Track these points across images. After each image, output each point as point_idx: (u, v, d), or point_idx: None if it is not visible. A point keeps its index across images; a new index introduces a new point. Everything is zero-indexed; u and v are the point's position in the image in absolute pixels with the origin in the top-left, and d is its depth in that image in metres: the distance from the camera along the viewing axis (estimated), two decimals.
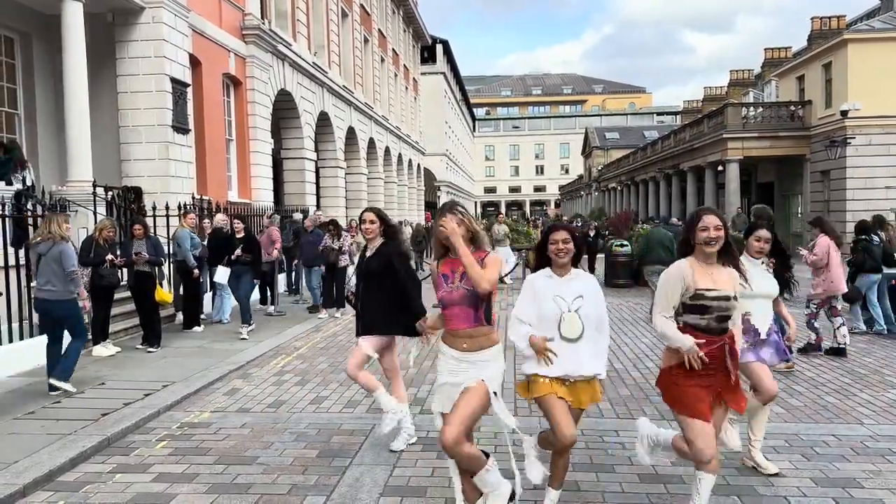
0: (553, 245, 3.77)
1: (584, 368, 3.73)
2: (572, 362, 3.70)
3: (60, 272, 6.76)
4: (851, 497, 4.35)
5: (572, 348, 3.70)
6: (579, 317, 3.70)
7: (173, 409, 6.45)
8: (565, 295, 3.73)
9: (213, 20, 15.00)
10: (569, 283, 3.78)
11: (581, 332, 3.70)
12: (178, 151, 13.01)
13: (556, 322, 3.71)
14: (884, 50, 24.11)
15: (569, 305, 3.71)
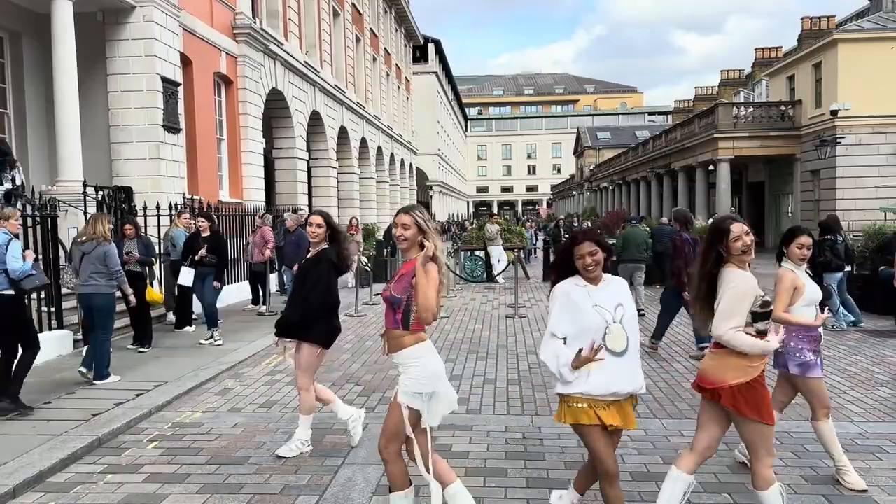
0: (580, 260, 3.44)
1: (636, 382, 3.44)
2: (619, 378, 3.38)
3: (104, 269, 7.22)
4: (841, 494, 4.38)
5: (617, 363, 3.37)
6: (624, 328, 3.39)
7: (165, 410, 6.43)
8: (605, 303, 3.41)
9: (204, 19, 14.95)
10: (604, 290, 3.47)
11: (627, 344, 3.39)
12: (168, 151, 12.97)
13: (602, 335, 3.36)
14: (873, 50, 24.28)
15: (612, 315, 3.39)
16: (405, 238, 3.66)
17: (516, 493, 4.46)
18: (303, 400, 5.24)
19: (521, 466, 4.91)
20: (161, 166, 12.69)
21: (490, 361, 8.46)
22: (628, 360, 3.40)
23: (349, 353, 8.91)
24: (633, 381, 3.43)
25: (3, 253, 6.15)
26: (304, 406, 5.23)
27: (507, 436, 5.60)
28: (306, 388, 5.19)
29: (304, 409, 5.24)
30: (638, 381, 3.46)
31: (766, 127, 28.00)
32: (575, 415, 3.41)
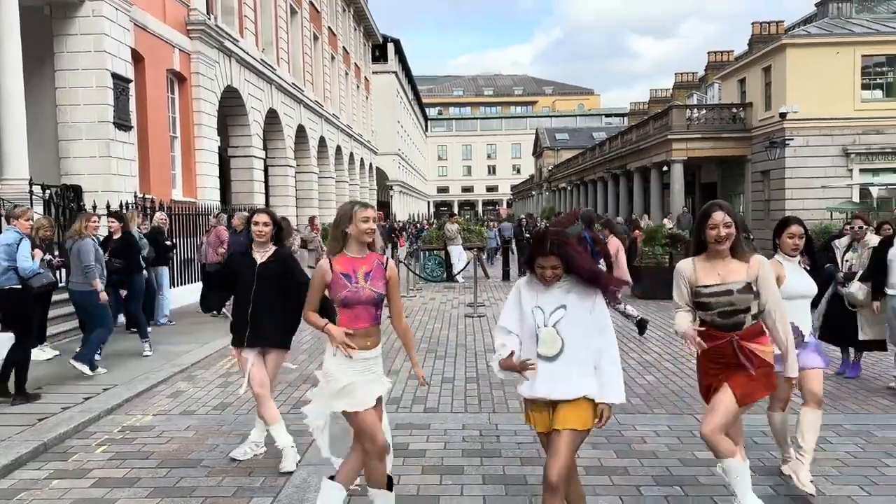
0: (540, 270, 3.26)
1: (569, 391, 3.20)
2: (553, 383, 3.21)
3: (79, 265, 7.33)
4: (787, 485, 4.49)
5: (548, 368, 3.22)
6: (558, 332, 3.20)
7: (114, 413, 6.28)
8: (545, 305, 3.25)
9: (156, 15, 14.64)
10: (554, 290, 3.26)
11: (560, 348, 3.20)
12: (119, 149, 12.67)
13: (534, 337, 3.26)
14: (819, 55, 25.03)
15: (546, 318, 3.23)
16: (373, 230, 3.67)
17: (473, 490, 4.47)
18: (268, 408, 4.94)
19: (478, 464, 4.93)
20: (111, 164, 12.39)
21: (448, 360, 8.47)
22: (563, 366, 3.20)
23: (306, 353, 8.83)
24: (566, 387, 3.19)
25: (13, 251, 6.48)
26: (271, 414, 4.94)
27: (464, 433, 5.61)
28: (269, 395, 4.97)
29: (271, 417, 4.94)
30: (577, 388, 3.19)
31: (719, 129, 28.64)
32: (525, 415, 3.44)
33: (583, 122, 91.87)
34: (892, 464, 4.84)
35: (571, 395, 3.19)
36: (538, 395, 3.25)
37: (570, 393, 3.19)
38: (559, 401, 3.21)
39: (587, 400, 3.21)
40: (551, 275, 3.22)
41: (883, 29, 26.50)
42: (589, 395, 3.21)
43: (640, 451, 5.18)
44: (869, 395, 6.64)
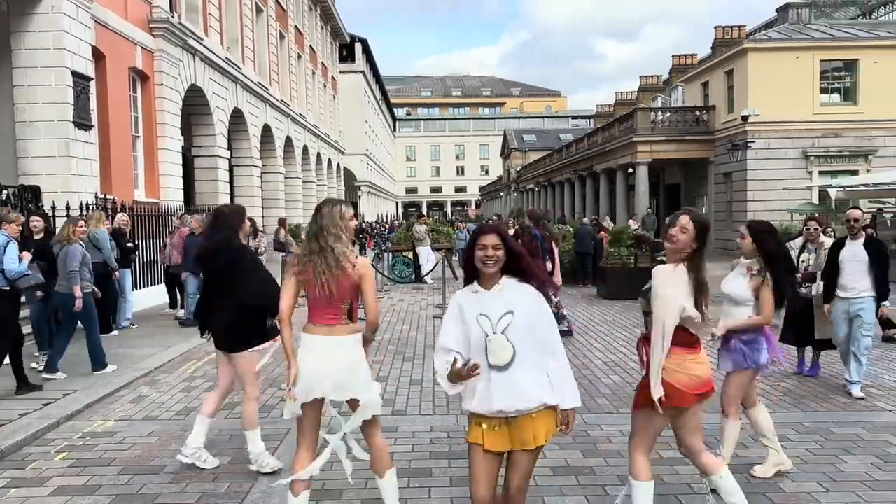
0: (481, 251, 3.07)
1: (525, 399, 3.02)
2: (508, 394, 3.01)
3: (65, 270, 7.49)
4: (749, 482, 4.58)
5: (500, 378, 3.02)
6: (508, 338, 3.02)
7: (74, 419, 6.14)
8: (490, 312, 3.05)
9: (118, 12, 14.37)
10: (497, 296, 3.09)
11: (511, 357, 3.01)
12: (79, 148, 12.41)
13: (483, 347, 3.05)
14: (780, 59, 25.57)
15: (494, 326, 3.03)
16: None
17: (440, 493, 4.47)
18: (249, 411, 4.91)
19: (446, 465, 4.93)
20: (71, 164, 12.12)
21: (417, 362, 8.46)
22: (516, 374, 3.02)
23: (271, 356, 8.71)
24: (524, 398, 3.02)
25: (1, 254, 6.64)
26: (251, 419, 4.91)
27: (432, 436, 5.61)
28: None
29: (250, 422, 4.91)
30: (534, 397, 3.03)
31: (682, 131, 29.06)
32: (469, 431, 3.19)
33: (550, 124, 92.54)
34: (850, 460, 4.96)
35: (531, 404, 3.02)
36: (496, 410, 3.02)
37: (530, 403, 3.02)
38: (512, 414, 3.03)
39: (546, 409, 3.07)
40: (493, 254, 3.04)
41: (840, 35, 27.18)
42: (548, 403, 3.07)
43: (606, 450, 5.23)
44: (827, 393, 6.80)
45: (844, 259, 6.57)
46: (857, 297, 6.51)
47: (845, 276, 6.55)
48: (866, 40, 26.33)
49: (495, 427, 3.07)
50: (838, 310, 6.64)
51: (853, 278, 6.51)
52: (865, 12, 36.15)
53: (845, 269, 6.55)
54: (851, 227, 6.65)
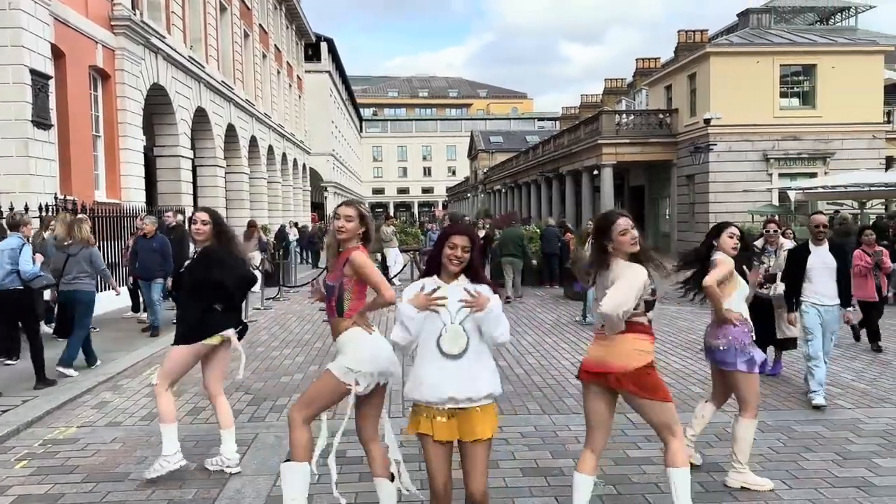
0: (452, 249, 3.25)
1: (477, 389, 3.20)
2: (461, 383, 3.18)
3: (90, 269, 7.93)
4: (715, 481, 4.66)
5: (452, 366, 3.19)
6: (464, 328, 3.22)
7: (35, 426, 5.99)
8: (450, 304, 3.23)
9: (78, 9, 14.06)
10: (455, 288, 3.27)
11: (466, 346, 3.20)
12: (38, 148, 12.11)
13: (437, 336, 3.21)
14: (741, 63, 26.11)
15: (452, 316, 3.21)
16: (346, 230, 3.77)
17: (410, 497, 4.45)
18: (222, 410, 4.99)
19: (416, 468, 4.91)
20: (30, 164, 11.83)
21: None
22: (467, 363, 3.20)
23: (238, 360, 8.61)
24: (472, 385, 3.18)
25: (17, 255, 7.12)
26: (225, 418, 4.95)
27: (402, 438, 5.59)
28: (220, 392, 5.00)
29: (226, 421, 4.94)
30: (481, 385, 3.21)
31: (646, 134, 29.47)
32: (414, 422, 3.31)
33: (517, 126, 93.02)
34: (811, 458, 5.08)
35: (480, 394, 3.20)
36: (446, 397, 3.16)
37: (479, 391, 3.20)
38: (465, 407, 3.19)
39: (489, 403, 3.27)
40: (461, 255, 3.24)
41: (799, 40, 27.85)
42: (494, 394, 3.28)
43: (575, 451, 5.27)
44: (788, 392, 6.96)
45: (814, 266, 6.30)
46: (831, 305, 6.33)
47: (816, 283, 6.31)
48: (824, 46, 27.04)
49: (442, 418, 3.21)
50: (813, 318, 6.34)
51: (825, 286, 6.29)
52: (823, 18, 37.07)
53: (815, 277, 6.30)
54: (818, 233, 6.36)
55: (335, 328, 3.85)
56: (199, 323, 4.79)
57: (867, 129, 26.30)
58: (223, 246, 4.87)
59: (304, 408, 3.74)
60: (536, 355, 8.87)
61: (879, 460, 5.01)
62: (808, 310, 6.35)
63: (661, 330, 10.61)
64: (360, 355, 3.72)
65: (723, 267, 4.59)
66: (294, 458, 3.74)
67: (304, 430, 3.71)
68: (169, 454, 4.71)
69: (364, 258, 3.74)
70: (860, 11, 39.30)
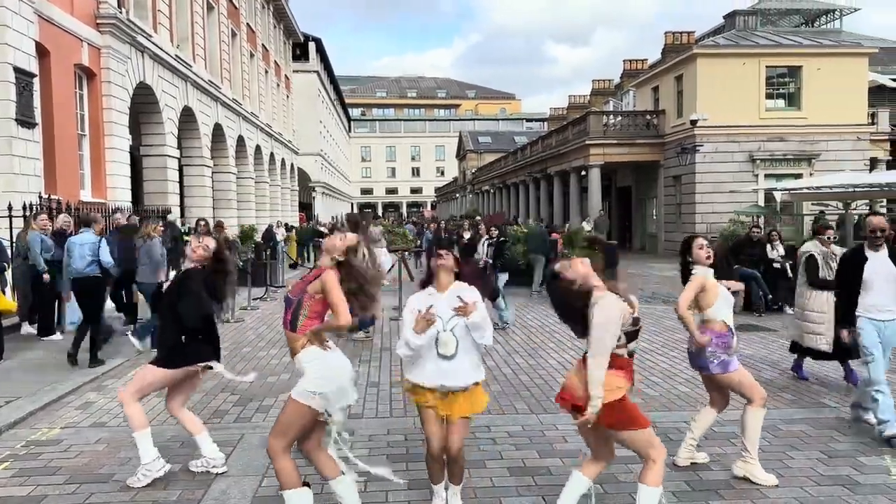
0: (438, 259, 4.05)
1: (461, 380, 3.90)
2: (448, 377, 3.88)
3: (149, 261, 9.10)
4: (701, 479, 4.68)
5: (447, 365, 3.88)
6: (454, 335, 3.85)
7: (18, 427, 5.93)
8: (441, 312, 3.87)
9: (63, 7, 13.92)
10: (448, 298, 3.92)
11: (455, 350, 3.86)
12: (22, 147, 11.98)
13: (434, 341, 3.87)
14: (727, 64, 26.26)
15: (444, 324, 3.86)
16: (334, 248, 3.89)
17: (398, 496, 4.45)
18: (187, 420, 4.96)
19: (403, 469, 4.90)
20: (14, 163, 11.69)
21: (374, 364, 8.42)
22: (458, 362, 3.88)
23: (224, 360, 8.55)
24: (463, 379, 3.91)
25: (96, 248, 8.30)
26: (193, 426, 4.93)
27: (389, 438, 5.58)
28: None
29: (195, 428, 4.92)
30: (469, 378, 3.93)
31: (633, 135, 29.58)
32: (418, 396, 4.00)
33: (505, 126, 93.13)
34: (797, 456, 5.11)
35: (468, 383, 3.93)
36: (439, 384, 3.88)
37: (467, 382, 3.92)
38: (455, 391, 3.89)
39: (475, 386, 3.99)
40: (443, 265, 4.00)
41: (784, 42, 28.06)
42: (478, 381, 4.00)
43: (562, 450, 5.29)
44: (775, 391, 6.99)
45: (872, 275, 5.43)
46: (891, 320, 5.45)
47: (875, 294, 5.43)
48: (809, 47, 27.25)
49: (438, 396, 3.91)
50: (871, 335, 5.45)
51: (887, 298, 5.43)
52: (809, 20, 37.40)
53: (873, 287, 5.43)
54: (876, 238, 5.46)
55: (290, 343, 3.82)
56: (181, 349, 4.75)
57: (852, 131, 26.54)
58: (208, 276, 4.79)
59: (280, 437, 3.70)
60: (524, 355, 8.87)
61: (864, 458, 5.05)
62: (865, 326, 5.46)
63: (648, 329, 10.66)
64: (318, 374, 3.69)
65: (689, 287, 4.72)
66: (286, 486, 3.76)
67: (286, 459, 3.73)
68: (148, 461, 4.65)
69: (336, 281, 3.74)
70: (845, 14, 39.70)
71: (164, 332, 4.89)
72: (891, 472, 4.80)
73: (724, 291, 4.77)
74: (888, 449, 5.22)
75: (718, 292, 4.72)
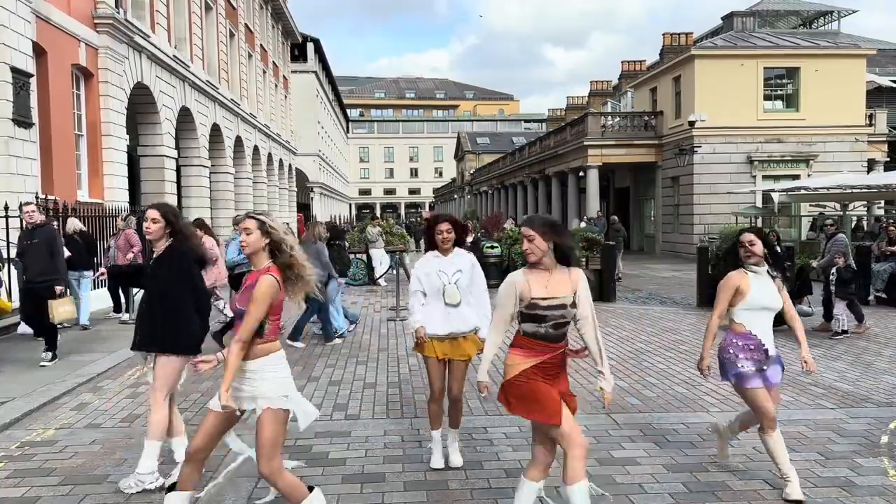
0: (439, 235, 4.80)
1: (467, 324, 4.78)
2: (457, 321, 4.76)
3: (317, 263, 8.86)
4: (699, 481, 4.67)
5: (455, 311, 4.75)
6: (457, 287, 4.75)
7: (12, 428, 5.90)
8: (446, 270, 4.77)
9: (60, 7, 13.90)
10: (451, 260, 4.82)
11: (460, 299, 4.75)
12: (19, 147, 11.96)
13: (441, 292, 4.74)
14: (725, 66, 26.29)
15: (449, 279, 4.75)
16: (247, 243, 3.60)
17: (394, 498, 4.43)
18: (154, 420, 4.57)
19: (399, 470, 4.89)
20: (11, 163, 11.67)
21: (370, 365, 8.39)
22: (463, 309, 4.78)
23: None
24: (466, 323, 4.78)
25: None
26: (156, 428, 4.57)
27: (385, 440, 5.56)
28: (161, 405, 4.55)
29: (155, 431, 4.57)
30: (472, 322, 4.79)
31: (631, 136, 29.62)
32: (422, 348, 4.80)
33: (503, 127, 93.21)
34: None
35: (469, 328, 4.80)
36: (451, 331, 4.75)
37: (469, 327, 4.80)
38: (458, 336, 4.76)
39: (474, 333, 4.80)
40: (447, 237, 4.80)
41: (782, 43, 28.10)
42: (477, 327, 4.80)
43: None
44: None
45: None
46: None
47: None
48: (807, 49, 27.29)
49: (444, 342, 4.78)
50: None
51: None
52: (806, 22, 37.45)
53: None
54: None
55: (249, 351, 3.57)
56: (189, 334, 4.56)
57: (849, 132, 26.57)
58: (177, 248, 4.57)
59: (271, 458, 3.50)
60: None
61: (861, 460, 5.04)
62: None
63: (645, 330, 10.65)
64: (281, 378, 3.60)
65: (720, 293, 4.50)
66: (298, 500, 3.58)
67: (285, 476, 3.57)
68: (144, 472, 4.49)
69: (264, 289, 3.50)
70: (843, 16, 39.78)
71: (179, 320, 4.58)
72: (889, 474, 4.79)
73: (756, 296, 4.41)
74: (886, 451, 5.21)
75: (746, 296, 4.41)
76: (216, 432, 3.68)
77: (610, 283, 14.39)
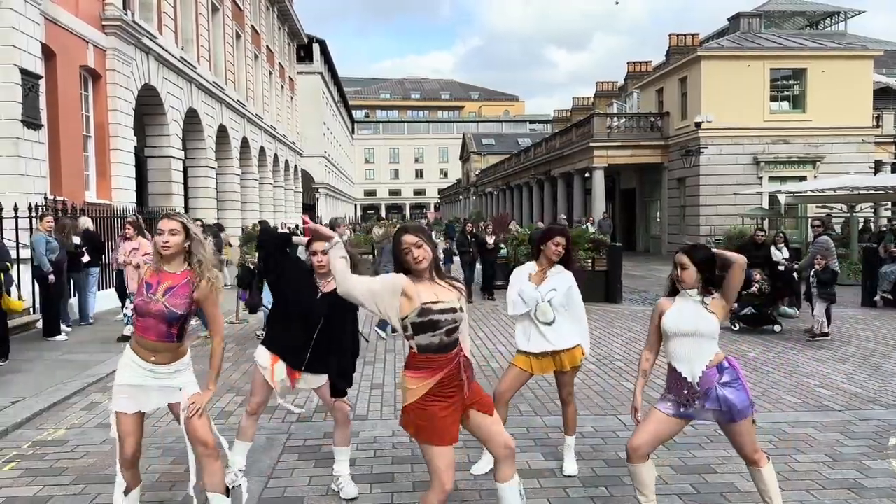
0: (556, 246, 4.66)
1: (563, 343, 4.60)
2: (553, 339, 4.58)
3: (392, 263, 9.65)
4: (707, 482, 4.68)
5: (549, 329, 4.56)
6: (551, 305, 4.54)
7: (24, 427, 5.95)
8: (542, 288, 4.59)
9: (69, 9, 13.99)
10: (549, 278, 4.63)
11: (553, 317, 4.55)
12: (28, 148, 12.03)
13: (534, 309, 4.57)
14: (732, 67, 26.24)
15: (542, 297, 4.56)
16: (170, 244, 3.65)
17: (403, 498, 4.45)
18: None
19: (409, 470, 4.91)
20: (20, 165, 11.74)
21: (378, 366, 8.42)
22: (556, 327, 4.57)
23: (229, 361, 8.59)
24: (561, 341, 4.59)
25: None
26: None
27: (394, 440, 5.58)
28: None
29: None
30: (567, 341, 4.59)
31: (637, 137, 29.57)
32: (519, 361, 4.67)
33: (509, 128, 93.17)
34: (802, 459, 5.10)
35: (568, 345, 4.59)
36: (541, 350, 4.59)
37: (567, 344, 4.59)
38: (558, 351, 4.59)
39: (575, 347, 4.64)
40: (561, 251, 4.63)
41: (789, 44, 28.03)
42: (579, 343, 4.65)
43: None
44: (780, 394, 6.98)
45: None
46: None
47: None
48: (814, 50, 27.22)
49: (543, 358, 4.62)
50: None
51: None
52: (813, 23, 37.36)
53: None
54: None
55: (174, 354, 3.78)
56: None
57: (856, 133, 26.49)
58: None
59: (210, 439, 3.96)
60: None
61: (870, 462, 5.04)
62: None
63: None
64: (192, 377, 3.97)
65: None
66: None
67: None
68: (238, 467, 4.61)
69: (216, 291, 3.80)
70: (849, 16, 39.66)
71: None
72: None
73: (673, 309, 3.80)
74: (894, 453, 5.21)
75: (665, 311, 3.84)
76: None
77: (616, 284, 14.38)
